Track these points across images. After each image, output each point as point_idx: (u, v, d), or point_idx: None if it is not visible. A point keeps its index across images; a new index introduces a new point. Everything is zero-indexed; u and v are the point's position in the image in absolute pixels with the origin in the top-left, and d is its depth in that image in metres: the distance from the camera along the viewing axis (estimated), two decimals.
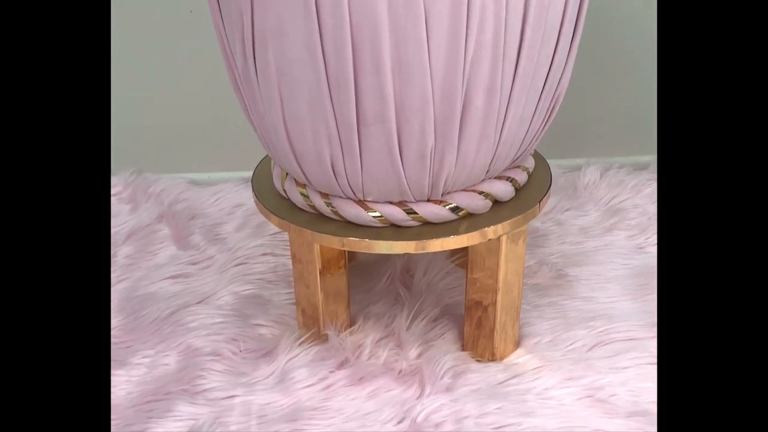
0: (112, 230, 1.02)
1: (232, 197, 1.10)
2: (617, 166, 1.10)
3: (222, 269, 0.94)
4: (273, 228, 1.03)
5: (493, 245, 0.71)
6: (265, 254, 0.97)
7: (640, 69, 1.11)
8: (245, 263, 0.95)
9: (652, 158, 1.13)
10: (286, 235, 1.01)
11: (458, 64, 0.57)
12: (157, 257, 0.98)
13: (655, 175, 1.08)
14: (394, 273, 0.89)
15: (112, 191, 1.11)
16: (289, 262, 0.96)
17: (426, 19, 0.55)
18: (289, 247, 0.98)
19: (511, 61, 0.59)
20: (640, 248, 0.94)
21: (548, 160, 0.78)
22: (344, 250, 0.77)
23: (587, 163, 1.11)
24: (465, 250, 0.94)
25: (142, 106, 1.14)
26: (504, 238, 0.70)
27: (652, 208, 1.01)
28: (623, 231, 0.97)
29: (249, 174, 0.81)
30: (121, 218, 1.05)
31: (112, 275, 0.93)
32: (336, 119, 0.60)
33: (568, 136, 1.14)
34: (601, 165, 1.10)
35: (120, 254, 0.97)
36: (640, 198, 1.03)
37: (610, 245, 0.95)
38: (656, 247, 0.94)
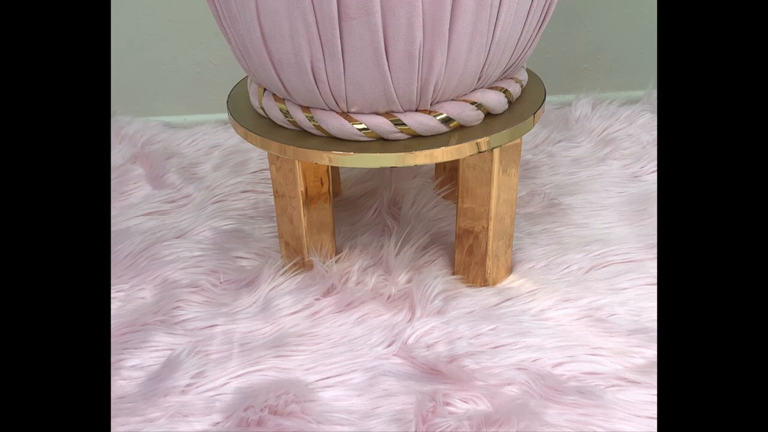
0: None
1: (209, 138, 1.06)
2: (608, 101, 1.07)
3: (200, 206, 0.89)
4: (253, 166, 0.98)
5: (485, 175, 0.67)
6: (245, 191, 0.92)
7: (635, 4, 1.07)
8: (224, 200, 0.91)
9: (643, 93, 1.09)
10: (266, 173, 0.97)
11: None
12: (131, 197, 0.93)
13: (648, 106, 1.05)
14: (381, 205, 0.86)
15: None
16: (271, 198, 0.91)
17: None
18: (270, 184, 0.94)
19: None
20: (636, 176, 0.91)
21: None
22: (328, 182, 0.73)
23: (578, 98, 1.07)
24: (453, 181, 0.90)
25: (115, 48, 1.08)
26: (495, 167, 0.66)
27: (647, 137, 0.97)
28: (617, 160, 0.94)
29: (226, 117, 0.76)
30: None
31: None
32: (315, 13, 0.56)
33: (559, 72, 1.11)
34: (593, 99, 1.06)
35: None
36: (634, 128, 0.99)
37: (604, 174, 0.91)
38: (652, 175, 0.91)
